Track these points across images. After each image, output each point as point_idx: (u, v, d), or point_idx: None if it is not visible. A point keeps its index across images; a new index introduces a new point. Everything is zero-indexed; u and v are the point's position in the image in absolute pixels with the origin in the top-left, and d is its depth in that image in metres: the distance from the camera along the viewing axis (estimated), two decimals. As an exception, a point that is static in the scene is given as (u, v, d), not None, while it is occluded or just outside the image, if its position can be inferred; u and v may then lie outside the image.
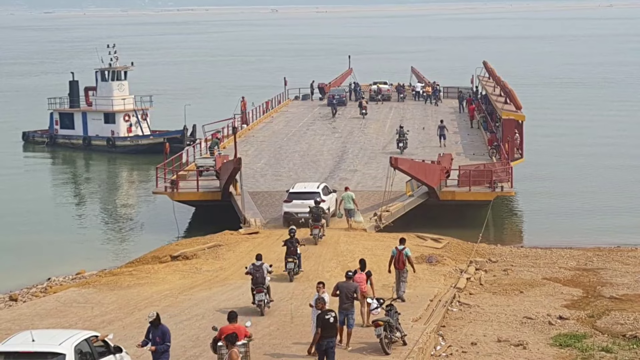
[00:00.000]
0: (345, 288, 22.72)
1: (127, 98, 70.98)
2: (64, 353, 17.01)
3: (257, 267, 26.40)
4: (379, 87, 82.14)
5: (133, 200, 55.69)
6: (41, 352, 16.98)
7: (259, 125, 68.28)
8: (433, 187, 41.87)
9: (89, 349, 17.69)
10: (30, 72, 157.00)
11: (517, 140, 52.33)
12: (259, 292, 26.28)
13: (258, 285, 26.29)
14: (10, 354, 17.09)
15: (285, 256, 30.69)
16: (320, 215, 35.76)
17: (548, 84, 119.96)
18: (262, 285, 26.29)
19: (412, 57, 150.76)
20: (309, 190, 39.05)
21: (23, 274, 36.46)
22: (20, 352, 17.04)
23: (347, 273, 23.26)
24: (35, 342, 17.27)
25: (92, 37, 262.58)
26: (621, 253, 36.84)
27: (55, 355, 16.96)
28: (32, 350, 17.08)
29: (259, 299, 26.29)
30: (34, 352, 17.03)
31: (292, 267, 30.63)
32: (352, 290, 22.64)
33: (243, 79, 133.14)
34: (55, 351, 17.04)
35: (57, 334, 18.11)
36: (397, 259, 27.79)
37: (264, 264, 26.54)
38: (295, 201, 38.61)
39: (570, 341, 25.01)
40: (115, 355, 18.53)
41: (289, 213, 38.37)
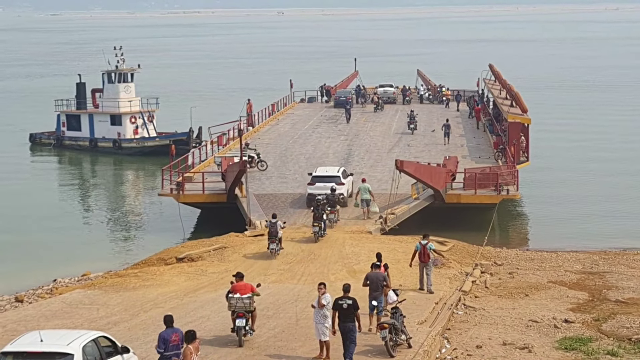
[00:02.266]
0: (375, 277, 24.40)
1: (134, 100, 71.14)
2: (72, 353, 17.14)
3: (272, 223, 33.89)
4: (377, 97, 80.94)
5: (139, 202, 55.78)
6: (49, 352, 17.11)
7: (265, 127, 68.34)
8: (439, 189, 41.86)
9: (96, 349, 17.84)
10: (37, 74, 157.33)
11: (523, 143, 52.30)
12: (272, 242, 33.80)
13: (272, 237, 33.82)
14: (19, 354, 17.23)
15: (313, 221, 36.27)
16: (335, 202, 38.94)
17: (554, 87, 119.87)
18: (275, 237, 33.81)
19: (418, 60, 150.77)
20: (330, 174, 42.66)
21: (29, 275, 36.51)
22: (29, 352, 17.17)
23: (373, 264, 25.24)
24: (43, 342, 17.40)
25: (98, 39, 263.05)
26: (627, 256, 36.78)
27: (64, 355, 17.09)
28: (41, 350, 17.20)
29: (271, 248, 33.79)
30: (43, 352, 17.16)
31: (317, 230, 36.12)
32: (381, 279, 24.40)
33: (249, 81, 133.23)
34: (64, 351, 17.17)
35: (65, 334, 18.24)
36: (422, 252, 29.51)
37: (278, 221, 33.95)
38: (318, 184, 41.82)
39: (576, 345, 24.98)
40: (123, 356, 18.63)
41: (312, 194, 40.80)
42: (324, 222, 36.40)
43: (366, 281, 24.56)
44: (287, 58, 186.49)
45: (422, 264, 29.69)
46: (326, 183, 41.37)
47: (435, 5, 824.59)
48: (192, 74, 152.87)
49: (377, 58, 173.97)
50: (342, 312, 21.52)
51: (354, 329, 21.45)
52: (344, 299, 21.65)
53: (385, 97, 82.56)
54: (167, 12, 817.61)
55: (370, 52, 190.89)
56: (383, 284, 24.29)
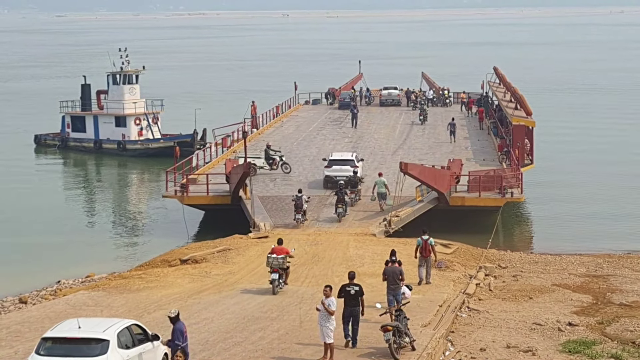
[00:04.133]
0: (392, 272, 25.92)
1: (138, 102, 71.23)
2: (108, 339, 18.52)
3: (298, 197, 39.12)
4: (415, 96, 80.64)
5: (143, 204, 55.83)
6: (87, 338, 18.48)
7: (269, 129, 68.38)
8: (443, 192, 41.85)
9: (129, 335, 19.17)
10: (42, 76, 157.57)
11: (527, 146, 52.28)
12: (298, 213, 38.96)
13: (298, 208, 38.80)
14: (58, 339, 18.63)
15: (335, 203, 40.18)
16: (357, 182, 43.43)
17: (559, 90, 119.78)
18: (300, 209, 38.90)
19: (422, 63, 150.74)
20: (345, 158, 46.89)
21: (33, 277, 36.54)
22: (68, 338, 18.56)
23: (390, 259, 26.74)
24: (81, 329, 18.80)
25: (103, 40, 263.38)
26: (631, 260, 36.73)
27: (100, 341, 18.48)
28: (79, 336, 18.61)
29: (297, 217, 38.91)
30: (81, 338, 18.56)
31: (340, 211, 40.08)
32: (397, 273, 25.88)
33: (253, 83, 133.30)
34: (100, 337, 18.54)
35: (101, 322, 19.68)
36: (423, 247, 31.02)
37: (303, 195, 39.26)
38: (335, 167, 45.98)
39: (580, 348, 24.94)
40: (153, 343, 19.96)
41: (329, 176, 45.49)
42: (346, 204, 40.28)
43: (384, 276, 26.09)
44: (291, 60, 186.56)
45: (422, 258, 31.13)
46: (342, 166, 45.71)
47: (440, 7, 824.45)
48: (197, 75, 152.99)
49: (381, 60, 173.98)
50: (349, 297, 23.01)
51: (358, 313, 23.08)
52: (351, 285, 23.16)
53: (390, 100, 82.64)
54: (172, 13, 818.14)
55: (375, 55, 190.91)
56: (400, 277, 25.77)
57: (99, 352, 18.36)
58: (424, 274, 31.27)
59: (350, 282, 23.30)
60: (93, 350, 18.41)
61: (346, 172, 44.79)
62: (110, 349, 18.47)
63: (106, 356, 18.35)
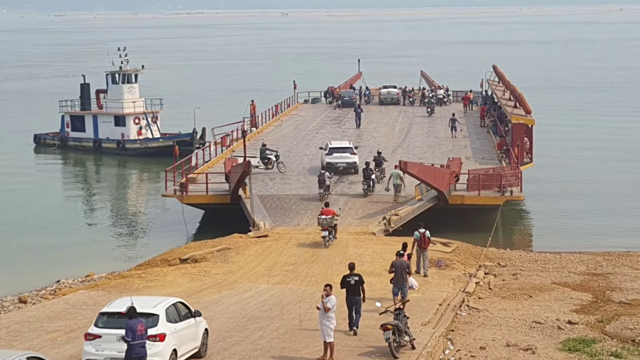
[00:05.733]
0: (399, 265, 26.80)
1: (138, 101, 71.20)
2: (158, 314, 20.86)
3: (321, 173, 43.49)
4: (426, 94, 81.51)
5: (142, 203, 55.82)
6: (139, 312, 20.29)
7: (269, 128, 68.37)
8: (442, 191, 41.86)
9: (175, 311, 21.54)
10: (41, 75, 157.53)
11: (527, 144, 52.28)
12: (320, 187, 42.76)
13: (321, 184, 42.84)
14: (113, 314, 20.91)
15: (363, 180, 43.70)
16: (381, 162, 46.86)
17: (558, 88, 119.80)
18: (323, 184, 42.76)
19: (421, 61, 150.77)
20: (345, 146, 50.12)
21: (32, 276, 36.55)
22: (122, 313, 20.61)
23: (398, 252, 27.55)
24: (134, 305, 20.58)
25: (102, 40, 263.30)
26: (631, 258, 36.74)
27: (151, 315, 20.73)
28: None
29: (320, 191, 42.71)
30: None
31: (365, 187, 43.47)
32: (405, 267, 26.85)
33: (252, 82, 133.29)
34: (151, 312, 20.83)
35: (151, 299, 22.22)
36: (422, 240, 31.94)
37: (325, 172, 43.38)
38: (335, 154, 48.72)
39: (580, 346, 24.96)
40: (195, 318, 22.21)
41: (330, 163, 48.13)
42: (372, 181, 43.46)
43: (391, 269, 26.90)
44: (290, 59, 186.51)
45: (420, 250, 32.07)
46: (342, 153, 48.79)
47: (439, 6, 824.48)
48: (196, 75, 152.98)
49: (380, 59, 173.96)
50: (349, 287, 24.19)
51: (359, 301, 24.27)
52: (351, 276, 24.32)
53: (389, 98, 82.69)
54: (171, 13, 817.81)
55: (374, 53, 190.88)
56: (407, 270, 26.78)
57: (150, 325, 20.43)
58: (421, 266, 32.08)
59: (351, 273, 24.40)
60: (145, 323, 20.16)
61: (346, 159, 48.37)
62: (160, 322, 20.71)
63: (157, 328, 20.55)
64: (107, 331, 20.49)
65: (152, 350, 20.28)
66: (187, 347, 21.74)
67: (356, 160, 48.84)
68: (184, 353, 21.57)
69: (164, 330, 20.72)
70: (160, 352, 20.49)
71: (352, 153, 49.13)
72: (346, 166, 48.07)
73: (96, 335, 20.66)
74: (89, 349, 20.68)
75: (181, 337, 21.39)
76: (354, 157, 48.97)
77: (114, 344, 20.37)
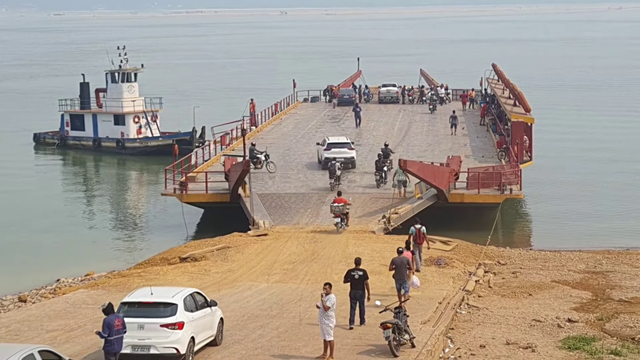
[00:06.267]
0: (400, 262, 27.28)
1: (137, 100, 71.19)
2: (176, 303, 21.80)
3: (332, 164, 44.93)
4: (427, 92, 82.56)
5: (142, 202, 55.81)
6: (159, 302, 21.77)
7: (268, 127, 68.36)
8: (442, 189, 41.85)
9: (192, 301, 22.45)
10: (40, 74, 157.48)
11: (526, 142, 52.27)
12: (331, 178, 44.39)
13: (331, 174, 44.53)
14: (134, 303, 21.91)
15: (375, 171, 45.57)
16: (389, 154, 47.98)
17: (557, 86, 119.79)
18: (334, 174, 44.32)
19: (421, 60, 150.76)
20: (342, 141, 51.20)
21: (32, 275, 36.55)
22: (142, 302, 21.83)
23: (398, 249, 28.15)
24: (153, 295, 22.07)
25: (102, 38, 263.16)
26: (630, 256, 36.74)
27: (170, 304, 21.74)
28: (152, 300, 21.87)
29: (330, 182, 44.42)
30: (154, 302, 21.83)
31: (378, 178, 45.08)
32: (405, 263, 27.34)
33: (252, 81, 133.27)
34: (170, 301, 21.85)
35: (169, 290, 23.11)
36: (417, 235, 32.56)
37: (336, 163, 44.98)
38: (333, 149, 49.73)
39: (579, 344, 24.97)
40: (211, 308, 23.21)
41: (328, 158, 48.71)
42: (384, 172, 44.82)
43: (392, 266, 27.36)
44: (290, 58, 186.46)
45: (415, 246, 32.31)
46: (340, 148, 49.87)
47: (438, 5, 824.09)
48: (195, 73, 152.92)
49: (380, 58, 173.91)
50: (354, 281, 24.76)
51: (363, 295, 24.82)
52: (356, 270, 24.89)
53: (389, 97, 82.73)
54: (170, 11, 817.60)
55: (374, 52, 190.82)
56: (407, 267, 27.32)
57: (169, 314, 21.56)
58: (416, 261, 32.18)
59: (356, 267, 24.97)
60: (164, 312, 21.60)
61: (344, 154, 49.35)
62: (179, 311, 21.66)
63: (175, 317, 21.53)
64: (128, 320, 21.24)
65: (171, 338, 21.30)
66: (203, 335, 22.61)
67: (354, 155, 49.99)
68: (201, 340, 22.46)
69: (183, 319, 21.61)
70: (179, 340, 21.40)
71: (349, 148, 50.25)
72: (344, 161, 48.99)
73: None
74: None
75: (198, 326, 22.25)
76: (351, 152, 50.04)
77: (135, 332, 21.32)
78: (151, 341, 21.36)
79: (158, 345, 21.34)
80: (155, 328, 21.41)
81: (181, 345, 21.41)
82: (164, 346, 21.30)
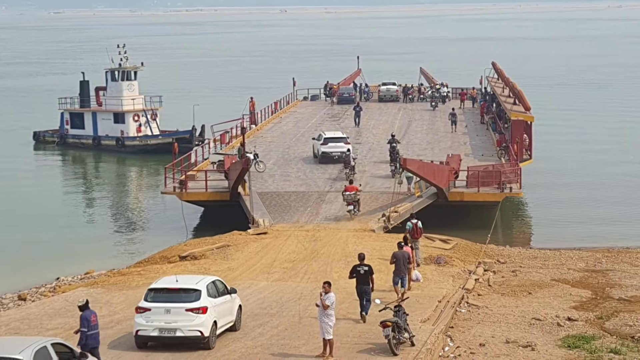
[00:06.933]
0: (401, 255, 27.96)
1: (137, 98, 71.16)
2: (200, 289, 23.16)
3: (346, 155, 47.51)
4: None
5: (142, 200, 55.79)
6: (184, 288, 23.19)
7: (268, 125, 68.35)
8: (442, 187, 41.84)
9: (214, 288, 23.88)
10: (40, 72, 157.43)
11: (526, 141, 52.26)
12: (346, 168, 46.49)
13: (346, 164, 46.66)
14: (161, 289, 23.30)
15: (390, 162, 47.75)
16: (395, 144, 49.70)
17: (557, 85, 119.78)
18: (348, 164, 46.30)
19: (420, 58, 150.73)
20: (339, 136, 52.94)
21: (32, 274, 36.52)
22: (169, 288, 23.24)
23: (398, 243, 28.73)
24: (178, 282, 23.48)
25: (101, 37, 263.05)
26: (630, 254, 36.75)
27: (194, 290, 23.10)
28: (177, 287, 23.27)
29: (346, 171, 46.25)
30: (179, 288, 23.23)
31: (393, 168, 46.47)
32: (406, 257, 28.04)
33: (251, 79, 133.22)
34: (194, 287, 23.21)
35: (194, 277, 24.71)
36: (414, 230, 32.96)
37: (350, 154, 47.91)
38: (330, 144, 51.19)
39: (579, 343, 24.97)
40: (231, 295, 24.49)
41: (326, 152, 50.79)
42: (398, 162, 44.54)
43: (393, 259, 28.01)
44: (289, 56, 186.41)
45: (412, 240, 32.37)
46: (337, 143, 51.22)
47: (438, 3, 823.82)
48: (195, 72, 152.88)
49: (380, 56, 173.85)
50: (359, 276, 25.27)
51: (369, 290, 25.37)
52: (361, 265, 25.38)
53: (389, 95, 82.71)
54: (170, 10, 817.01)
55: (373, 50, 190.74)
56: (407, 261, 27.94)
57: (194, 299, 22.87)
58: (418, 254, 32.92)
59: (361, 263, 25.45)
60: (189, 297, 22.94)
61: (341, 148, 50.56)
62: (202, 297, 22.96)
63: (199, 302, 22.82)
64: (156, 305, 22.82)
65: (196, 321, 22.63)
66: (224, 320, 23.89)
67: (350, 149, 51.12)
68: (222, 325, 23.69)
69: (206, 304, 22.90)
70: (204, 323, 22.71)
71: (345, 143, 51.52)
72: (341, 155, 50.10)
73: (146, 309, 22.94)
74: (139, 320, 22.93)
75: (220, 311, 23.54)
76: (347, 146, 51.21)
77: (162, 316, 22.76)
78: (177, 324, 22.68)
79: (184, 328, 22.64)
80: (181, 312, 22.70)
81: (205, 329, 22.67)
82: (189, 329, 22.60)
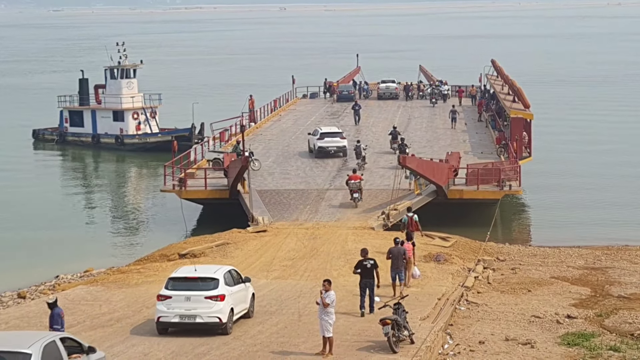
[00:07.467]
0: (397, 251, 28.38)
1: (136, 96, 71.15)
2: (218, 278, 24.32)
3: (357, 146, 48.99)
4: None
5: (141, 198, 55.78)
6: (202, 277, 24.37)
7: (267, 123, 68.33)
8: (441, 185, 41.84)
9: (231, 277, 24.87)
10: (39, 70, 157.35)
11: (525, 138, 52.25)
12: (357, 158, 48.17)
13: (357, 155, 48.35)
14: (180, 278, 24.48)
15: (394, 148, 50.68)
16: (397, 135, 52.59)
17: (556, 82, 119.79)
18: (360, 155, 48.09)
19: (420, 56, 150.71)
20: (335, 131, 53.95)
21: (31, 272, 36.51)
22: (188, 277, 24.42)
23: (395, 239, 29.19)
24: (197, 271, 24.71)
25: (100, 35, 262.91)
26: (629, 252, 36.76)
27: (212, 279, 24.28)
28: (196, 275, 24.44)
29: (358, 161, 47.72)
30: (198, 277, 24.40)
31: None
32: (402, 253, 28.43)
33: (251, 77, 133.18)
34: (212, 276, 24.41)
35: (211, 267, 26.10)
36: (409, 223, 34.18)
37: (361, 145, 49.11)
38: (327, 138, 52.15)
39: (579, 340, 24.97)
40: (245, 284, 25.53)
41: (322, 147, 51.84)
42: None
43: (389, 255, 28.46)
44: (289, 54, 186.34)
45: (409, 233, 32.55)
46: (332, 137, 52.25)
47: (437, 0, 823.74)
48: (194, 69, 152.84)
49: (379, 54, 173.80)
50: (365, 270, 25.84)
51: (373, 284, 26.06)
52: (367, 260, 26.02)
53: (388, 93, 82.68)
54: (169, 8, 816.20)
55: (373, 48, 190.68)
56: (404, 257, 28.36)
57: (212, 287, 24.01)
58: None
59: (366, 257, 26.07)
60: (207, 286, 24.10)
61: (337, 143, 51.97)
62: (220, 285, 24.08)
63: (217, 290, 23.95)
64: (176, 293, 23.96)
65: (214, 308, 23.75)
66: (240, 307, 24.97)
67: (345, 144, 52.55)
68: (238, 312, 24.81)
69: (224, 292, 24.00)
70: (222, 310, 23.81)
71: (341, 137, 52.83)
72: (337, 149, 51.81)
73: (167, 297, 24.02)
74: (161, 307, 24.00)
75: (236, 299, 24.61)
76: (343, 141, 52.56)
77: (182, 303, 23.87)
78: (197, 311, 23.78)
79: (203, 314, 23.76)
80: (200, 300, 23.81)
81: (223, 315, 23.79)
82: (208, 315, 23.74)
